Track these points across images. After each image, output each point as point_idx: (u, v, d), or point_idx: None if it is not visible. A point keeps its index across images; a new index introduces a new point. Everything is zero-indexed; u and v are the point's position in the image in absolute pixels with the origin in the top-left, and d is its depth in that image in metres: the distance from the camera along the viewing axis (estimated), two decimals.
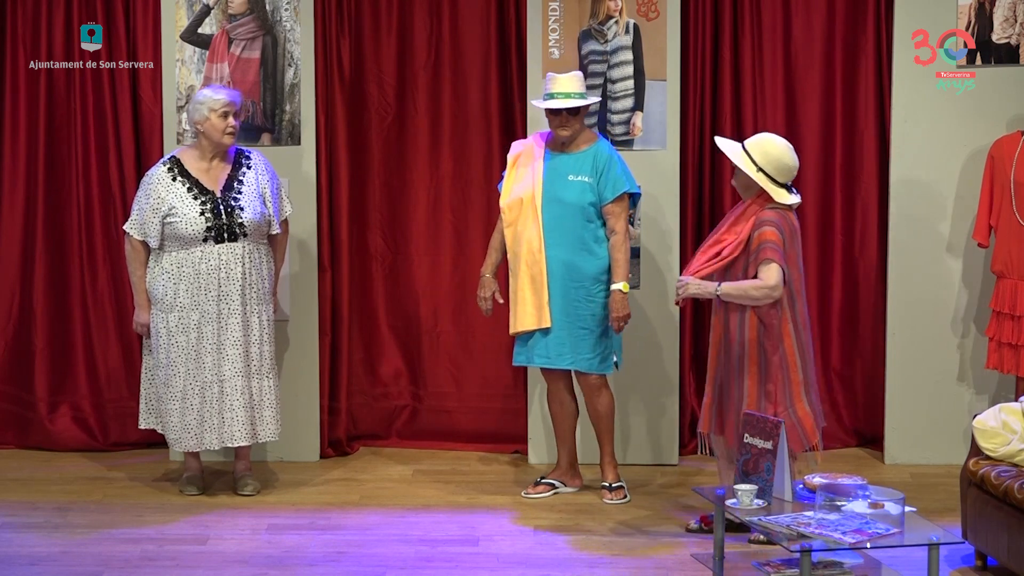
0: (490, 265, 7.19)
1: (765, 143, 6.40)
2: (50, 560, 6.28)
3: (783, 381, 6.31)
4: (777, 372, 6.30)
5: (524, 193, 7.03)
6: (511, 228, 7.07)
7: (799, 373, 6.33)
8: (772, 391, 6.29)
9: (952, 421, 7.68)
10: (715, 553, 5.93)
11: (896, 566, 5.89)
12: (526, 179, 7.05)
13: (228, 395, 7.01)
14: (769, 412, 6.23)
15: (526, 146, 7.15)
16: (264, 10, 7.61)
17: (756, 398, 6.30)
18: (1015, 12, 7.51)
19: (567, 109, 6.92)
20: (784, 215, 6.36)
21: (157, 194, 6.99)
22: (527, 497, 7.18)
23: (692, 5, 7.72)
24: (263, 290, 7.11)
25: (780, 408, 6.28)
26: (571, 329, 6.98)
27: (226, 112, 7.02)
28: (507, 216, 7.08)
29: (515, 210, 7.05)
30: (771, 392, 6.30)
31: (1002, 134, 7.43)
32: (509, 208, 7.07)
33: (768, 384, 6.30)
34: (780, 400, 6.29)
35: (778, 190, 6.35)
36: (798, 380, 6.33)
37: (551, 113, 6.96)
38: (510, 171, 7.13)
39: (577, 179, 6.96)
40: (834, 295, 8.00)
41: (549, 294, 6.97)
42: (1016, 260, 7.23)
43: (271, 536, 6.60)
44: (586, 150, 7.00)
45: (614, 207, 6.96)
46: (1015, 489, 5.71)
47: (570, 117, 6.94)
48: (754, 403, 6.29)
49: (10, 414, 8.04)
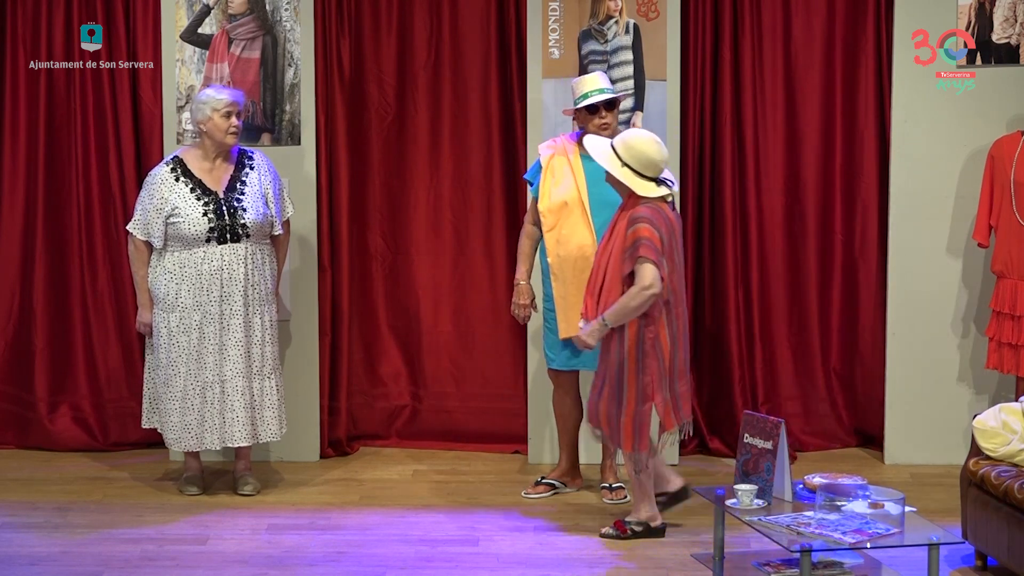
0: (525, 272, 7.08)
1: (629, 138, 6.39)
2: (50, 560, 6.28)
3: (656, 355, 6.34)
4: (651, 348, 6.32)
5: (568, 196, 6.93)
6: (553, 232, 6.95)
7: (669, 362, 6.34)
8: (648, 382, 6.33)
9: (952, 421, 7.68)
10: (715, 553, 5.93)
11: (896, 566, 5.89)
12: (566, 183, 6.95)
13: (229, 396, 7.01)
14: (647, 405, 6.31)
15: (557, 148, 7.03)
16: (264, 10, 7.61)
17: (635, 394, 6.35)
18: (1015, 12, 7.51)
19: (604, 103, 6.87)
20: (658, 208, 6.34)
21: (160, 194, 6.99)
22: (527, 497, 7.19)
23: (692, 5, 7.72)
24: (265, 291, 7.11)
25: (654, 399, 6.34)
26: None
27: (229, 112, 7.02)
28: (548, 220, 6.95)
29: (556, 214, 6.96)
30: (647, 384, 6.33)
31: (1002, 134, 7.43)
32: (551, 212, 6.95)
33: (644, 376, 6.33)
34: (654, 373, 6.32)
35: (643, 183, 6.32)
36: (664, 370, 6.35)
37: (589, 112, 6.90)
38: (545, 174, 7.01)
39: None
40: (834, 295, 8.00)
41: None
42: (1016, 260, 7.23)
43: (271, 536, 6.60)
44: None
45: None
46: (1015, 489, 5.71)
47: (608, 112, 6.90)
48: (632, 401, 6.33)
49: (10, 414, 8.04)
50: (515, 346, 7.97)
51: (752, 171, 7.83)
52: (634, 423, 6.35)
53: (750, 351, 7.91)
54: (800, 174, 7.91)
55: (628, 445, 6.39)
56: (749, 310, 7.90)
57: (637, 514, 6.52)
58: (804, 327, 7.99)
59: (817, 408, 8.04)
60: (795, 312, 7.98)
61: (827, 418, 8.05)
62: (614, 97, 6.91)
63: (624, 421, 6.36)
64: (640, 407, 6.34)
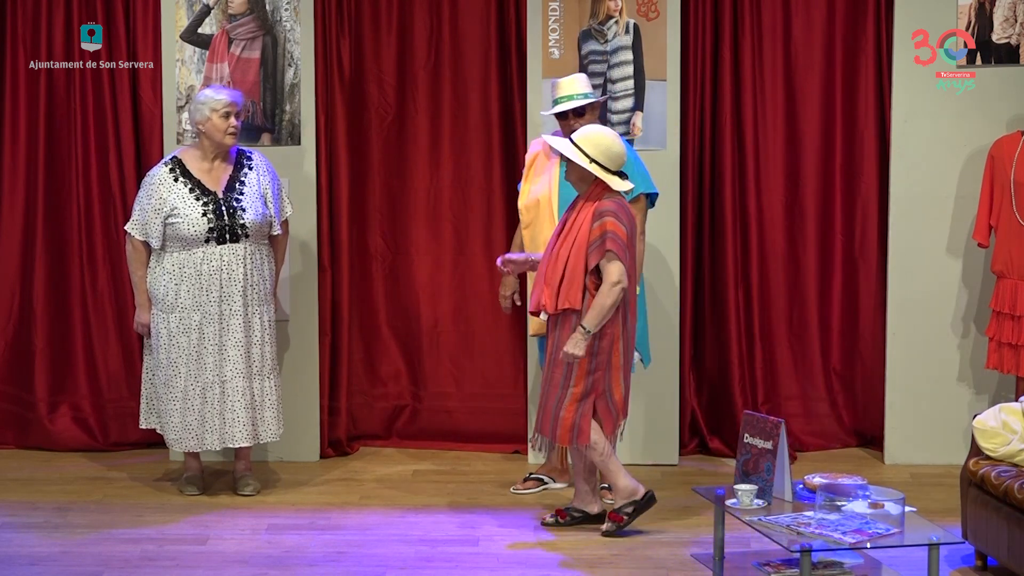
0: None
1: (592, 135, 6.46)
2: (50, 560, 6.28)
3: (606, 366, 6.39)
4: (603, 356, 6.37)
5: (541, 195, 7.00)
6: (528, 229, 7.05)
7: (620, 357, 6.41)
8: (599, 378, 6.39)
9: (952, 421, 7.67)
10: (715, 553, 5.93)
11: (896, 566, 5.89)
12: (543, 181, 7.03)
13: (229, 396, 7.01)
14: (590, 399, 6.39)
15: (543, 146, 7.11)
16: (264, 10, 7.61)
17: (580, 391, 6.39)
18: (1015, 12, 7.51)
19: (572, 110, 6.90)
20: (621, 203, 6.45)
21: (159, 195, 6.99)
22: (516, 492, 7.21)
23: (692, 5, 7.72)
24: (264, 291, 7.11)
25: (600, 392, 6.39)
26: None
27: (228, 112, 7.02)
28: (524, 217, 7.07)
29: (532, 211, 7.03)
30: (598, 380, 6.39)
31: (1002, 134, 7.43)
32: (527, 209, 7.05)
33: (596, 372, 6.38)
34: (599, 384, 6.40)
35: (613, 178, 6.41)
36: (618, 364, 6.42)
37: (560, 118, 6.95)
38: (527, 172, 7.12)
39: None
40: (834, 295, 8.00)
41: None
42: (1016, 260, 7.23)
43: (271, 536, 6.60)
44: None
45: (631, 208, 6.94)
46: (1015, 489, 5.71)
47: (577, 118, 6.92)
48: (576, 396, 6.38)
49: (10, 414, 8.04)
50: (515, 346, 7.97)
51: (752, 171, 7.83)
52: (574, 417, 6.40)
53: (750, 351, 7.91)
54: (800, 174, 7.91)
55: (566, 439, 6.44)
56: (749, 310, 7.90)
57: (619, 496, 6.54)
58: (804, 327, 7.99)
59: (817, 408, 8.04)
60: (795, 312, 7.98)
61: (827, 418, 8.05)
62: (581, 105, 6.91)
63: (564, 415, 6.41)
64: (583, 402, 6.41)
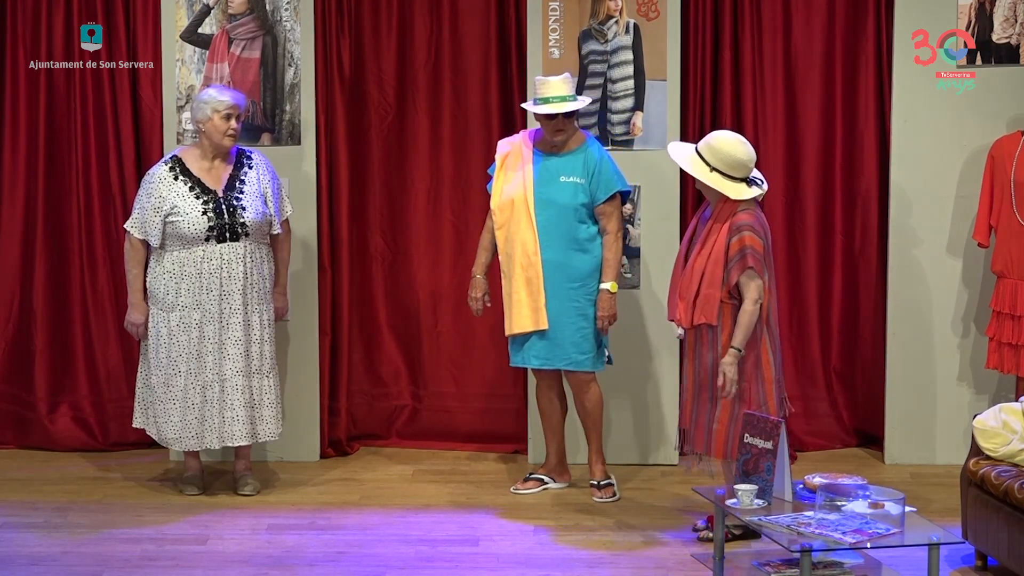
0: (481, 265, 7.17)
1: (714, 141, 6.36)
2: (50, 560, 6.28)
3: (757, 380, 6.32)
4: (752, 371, 6.30)
5: (515, 195, 7.00)
6: (502, 230, 7.04)
7: (771, 370, 6.34)
8: (746, 388, 6.31)
9: (952, 421, 7.68)
10: (715, 553, 5.93)
11: (896, 566, 5.89)
12: (516, 180, 7.03)
13: (229, 395, 7.02)
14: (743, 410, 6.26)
15: (513, 145, 7.12)
16: (264, 10, 7.61)
17: (730, 402, 6.32)
18: (1015, 12, 7.51)
19: (562, 113, 6.91)
20: (757, 214, 6.34)
21: (159, 193, 7.00)
22: (516, 492, 7.21)
23: (692, 5, 7.72)
24: (264, 290, 7.12)
25: (754, 407, 6.30)
26: (567, 329, 6.97)
27: (229, 114, 7.02)
28: (498, 218, 7.05)
29: (506, 211, 7.03)
30: (745, 390, 6.31)
31: (1002, 134, 7.43)
32: (500, 210, 7.05)
33: (743, 383, 6.31)
34: (753, 399, 6.31)
35: (735, 186, 6.30)
36: (770, 377, 6.34)
37: (545, 118, 6.95)
38: (499, 172, 7.12)
39: (569, 180, 6.95)
40: (834, 295, 8.00)
41: (545, 296, 6.96)
42: (1016, 260, 7.23)
43: (271, 536, 6.60)
44: (576, 150, 6.99)
45: (606, 207, 6.96)
46: (1015, 489, 5.71)
47: (565, 121, 6.93)
48: (728, 407, 6.30)
49: (10, 414, 8.04)
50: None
51: None
52: (728, 430, 6.33)
53: None
54: (800, 174, 7.91)
55: (720, 452, 6.36)
56: None
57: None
58: (804, 327, 7.99)
59: (817, 408, 8.04)
60: (795, 312, 7.98)
61: (827, 418, 8.05)
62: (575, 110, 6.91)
63: (717, 429, 6.35)
64: (735, 415, 6.30)
